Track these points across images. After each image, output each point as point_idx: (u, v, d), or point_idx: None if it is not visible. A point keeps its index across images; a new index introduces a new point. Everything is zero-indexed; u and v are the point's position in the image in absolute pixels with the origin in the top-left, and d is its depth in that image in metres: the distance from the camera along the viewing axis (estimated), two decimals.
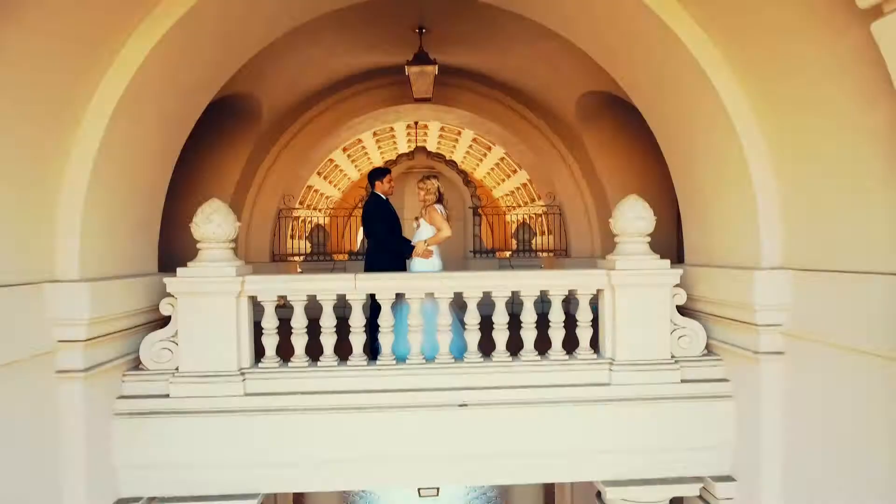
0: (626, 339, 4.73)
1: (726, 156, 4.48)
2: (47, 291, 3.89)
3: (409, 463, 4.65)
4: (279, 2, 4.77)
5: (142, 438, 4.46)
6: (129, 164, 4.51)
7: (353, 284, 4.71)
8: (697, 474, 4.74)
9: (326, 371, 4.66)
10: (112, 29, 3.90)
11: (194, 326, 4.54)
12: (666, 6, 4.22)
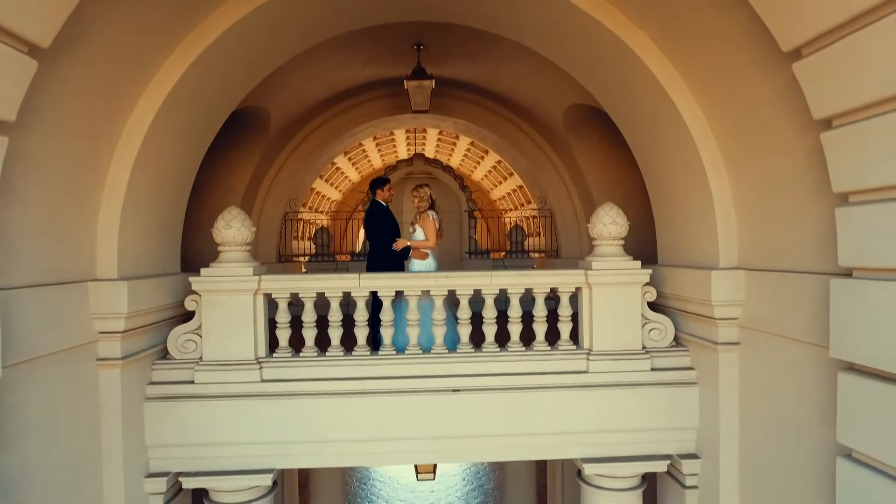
0: (602, 332, 5.29)
1: (689, 169, 5.03)
2: (90, 289, 4.43)
3: (407, 442, 5.21)
4: (295, 30, 5.32)
5: (169, 420, 5.01)
6: (158, 177, 5.05)
7: (357, 283, 5.26)
8: (666, 452, 5.30)
9: (334, 360, 5.21)
10: (148, 59, 4.45)
11: (216, 320, 5.10)
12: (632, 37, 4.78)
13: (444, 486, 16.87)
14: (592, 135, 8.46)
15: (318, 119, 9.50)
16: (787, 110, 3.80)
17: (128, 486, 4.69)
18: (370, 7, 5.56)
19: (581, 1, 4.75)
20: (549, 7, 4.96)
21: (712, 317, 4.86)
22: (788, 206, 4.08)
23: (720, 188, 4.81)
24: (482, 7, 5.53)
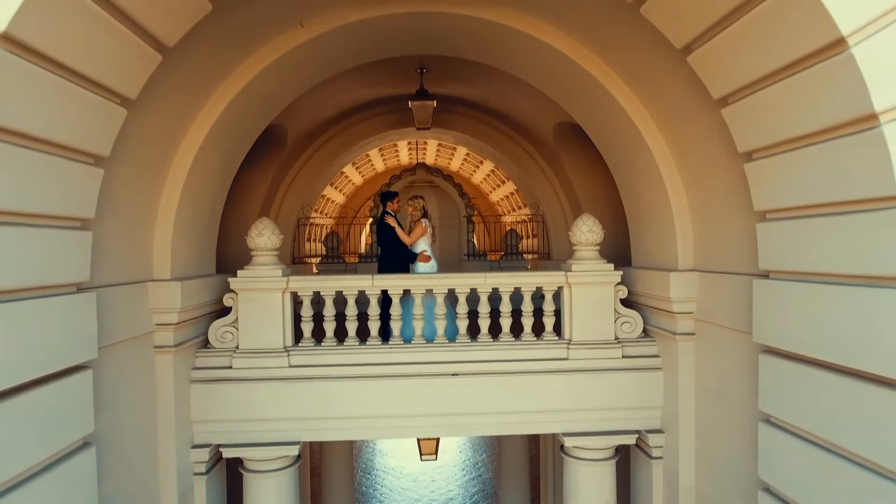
0: (580, 325, 6.17)
1: (654, 187, 5.90)
2: (150, 288, 5.31)
3: (413, 418, 6.09)
4: (314, 67, 6.21)
5: (211, 399, 5.89)
6: (200, 196, 5.92)
7: (370, 283, 6.15)
8: (635, 428, 6.18)
9: (350, 349, 6.09)
10: (193, 102, 5.31)
11: (250, 315, 5.98)
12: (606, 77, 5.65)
13: (444, 476, 17.76)
14: (579, 149, 9.31)
15: (328, 133, 10.37)
16: (723, 143, 4.66)
17: (178, 455, 5.57)
18: (378, 46, 6.45)
19: (563, 46, 5.62)
20: (536, 49, 5.84)
21: (672, 311, 5.74)
22: (727, 220, 4.96)
23: (679, 203, 5.68)
24: (478, 45, 6.41)
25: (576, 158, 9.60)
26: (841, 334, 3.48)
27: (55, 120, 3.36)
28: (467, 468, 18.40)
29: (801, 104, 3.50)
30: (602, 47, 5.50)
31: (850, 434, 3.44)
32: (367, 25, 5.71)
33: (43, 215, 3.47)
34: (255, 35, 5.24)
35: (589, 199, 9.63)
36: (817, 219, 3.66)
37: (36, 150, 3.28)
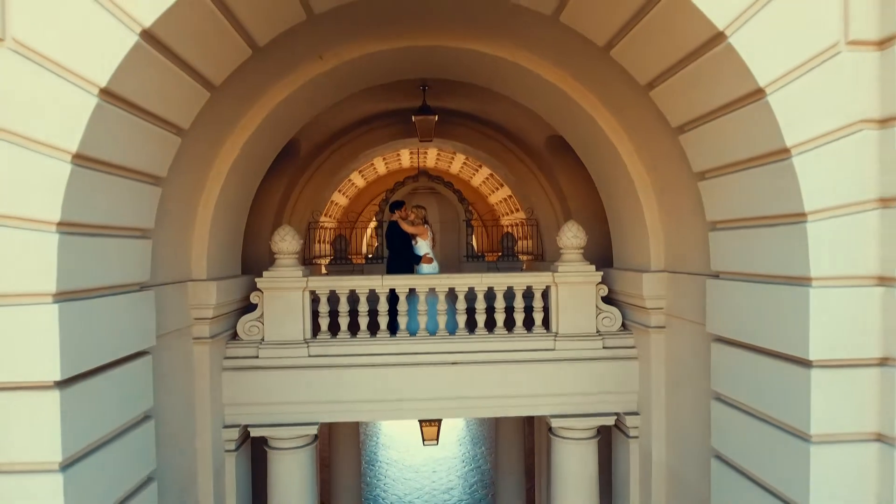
0: (566, 319, 6.97)
1: (630, 198, 6.70)
2: (189, 287, 6.10)
3: (417, 402, 6.89)
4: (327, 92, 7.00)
5: (240, 385, 6.69)
6: (230, 206, 6.71)
7: (380, 283, 6.95)
8: (614, 411, 6.98)
9: (362, 341, 6.88)
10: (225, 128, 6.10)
11: (274, 310, 6.78)
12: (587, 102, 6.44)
13: (445, 468, 18.55)
14: (569, 159, 10.07)
15: (336, 144, 11.16)
16: (684, 163, 5.44)
17: (212, 434, 6.37)
18: (386, 72, 7.25)
19: (549, 76, 6.41)
20: (526, 77, 6.63)
21: (646, 307, 6.54)
22: (689, 228, 5.76)
23: (651, 213, 6.47)
24: (474, 72, 7.21)
25: (567, 168, 10.38)
26: (771, 324, 4.27)
27: (131, 150, 4.15)
28: (467, 460, 19.19)
29: (736, 136, 4.30)
30: (584, 77, 6.29)
31: (775, 404, 4.24)
32: (377, 57, 6.51)
33: (118, 227, 4.27)
34: (280, 67, 6.03)
35: (579, 205, 10.41)
36: (753, 229, 4.46)
37: (116, 175, 4.08)
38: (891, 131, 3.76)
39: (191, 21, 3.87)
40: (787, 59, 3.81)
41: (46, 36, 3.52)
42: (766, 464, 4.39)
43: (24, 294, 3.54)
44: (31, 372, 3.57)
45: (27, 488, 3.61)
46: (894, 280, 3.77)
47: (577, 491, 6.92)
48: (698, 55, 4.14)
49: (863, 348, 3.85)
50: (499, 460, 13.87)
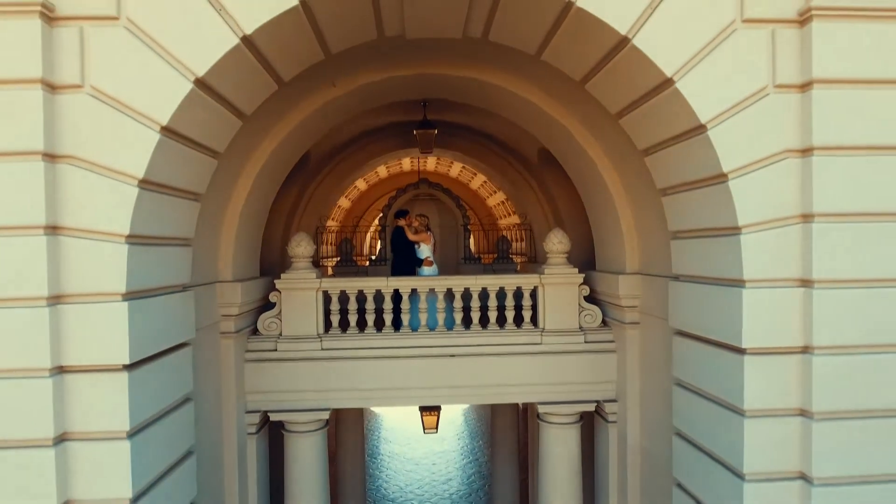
0: (551, 317, 7.79)
1: (608, 208, 7.51)
2: (217, 287, 6.91)
3: (419, 390, 7.72)
4: (338, 113, 7.82)
5: (260, 375, 7.50)
6: (251, 215, 7.53)
7: (385, 283, 7.76)
8: (595, 398, 7.79)
9: (369, 336, 7.70)
10: (249, 148, 6.92)
11: (291, 308, 7.60)
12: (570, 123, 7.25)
13: (444, 461, 19.37)
14: (559, 170, 10.81)
15: (342, 154, 11.98)
16: (652, 180, 6.26)
17: (237, 418, 7.19)
18: (390, 94, 8.06)
19: (535, 98, 7.22)
20: (514, 100, 7.44)
21: (621, 305, 7.35)
22: (657, 236, 6.57)
23: (626, 222, 7.29)
24: (469, 94, 8.03)
25: (557, 177, 11.17)
26: (715, 318, 5.08)
27: (180, 173, 4.96)
28: (465, 453, 20.01)
29: (686, 161, 5.12)
30: (568, 102, 7.10)
31: (719, 386, 5.05)
32: (384, 83, 7.33)
33: (169, 237, 5.08)
34: (298, 94, 6.84)
35: (568, 211, 11.21)
36: (702, 239, 5.27)
37: (168, 195, 4.89)
38: (809, 160, 4.58)
39: (233, 68, 4.68)
40: (724, 99, 4.63)
41: (117, 83, 4.34)
42: (712, 436, 5.20)
43: (101, 293, 4.35)
44: (105, 356, 4.38)
45: (102, 453, 4.43)
46: (812, 282, 4.59)
47: (561, 469, 7.74)
48: (653, 95, 4.96)
49: (787, 338, 4.67)
50: (495, 452, 14.69)
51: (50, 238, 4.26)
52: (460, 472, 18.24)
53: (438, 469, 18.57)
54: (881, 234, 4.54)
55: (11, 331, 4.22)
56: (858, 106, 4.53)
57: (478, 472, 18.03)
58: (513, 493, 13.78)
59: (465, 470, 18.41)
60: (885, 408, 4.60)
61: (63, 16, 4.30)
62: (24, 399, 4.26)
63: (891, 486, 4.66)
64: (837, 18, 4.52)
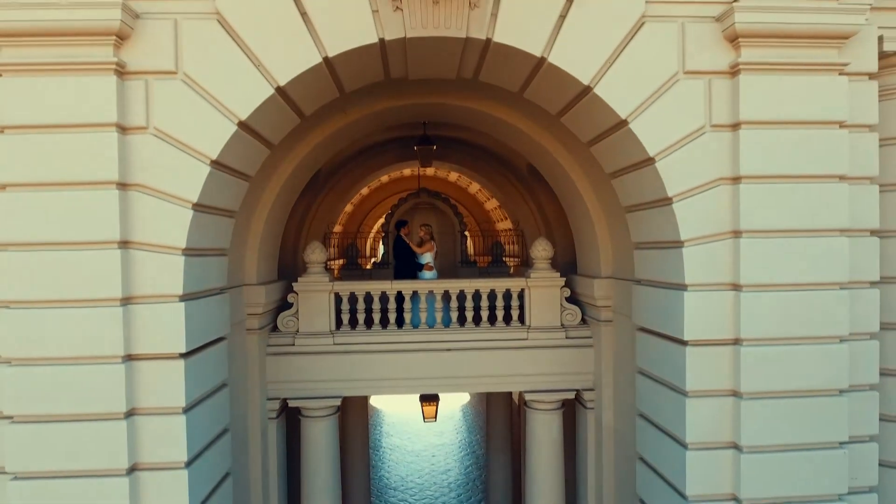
0: (537, 315, 8.82)
1: (586, 221, 8.54)
2: (244, 290, 7.94)
3: (420, 380, 8.75)
4: (349, 137, 8.86)
5: (280, 367, 8.53)
6: (272, 226, 8.56)
7: (390, 286, 8.80)
8: (574, 387, 8.83)
9: (376, 332, 8.73)
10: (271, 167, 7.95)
11: (307, 308, 8.63)
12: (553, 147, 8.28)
13: (443, 453, 20.39)
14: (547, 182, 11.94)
15: (348, 166, 13.02)
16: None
17: (260, 404, 8.22)
18: (395, 119, 9.10)
19: (521, 125, 8.24)
20: (503, 125, 8.47)
21: (597, 305, 8.39)
22: (625, 246, 7.61)
23: (601, 232, 8.32)
24: (465, 119, 9.06)
25: (545, 188, 12.18)
26: (665, 316, 6.11)
27: (222, 195, 6.00)
28: (463, 446, 21.03)
29: (641, 186, 6.15)
30: (550, 128, 8.12)
31: (667, 372, 6.08)
32: (389, 110, 8.36)
33: (212, 248, 6.11)
34: (314, 122, 7.86)
35: (556, 219, 12.22)
36: (655, 250, 6.31)
37: (213, 214, 5.92)
38: (738, 186, 5.61)
39: (267, 111, 5.71)
40: (669, 137, 5.67)
41: (176, 125, 5.38)
42: (664, 415, 6.24)
43: (163, 295, 5.40)
44: (166, 346, 5.42)
45: (163, 425, 5.46)
46: (740, 286, 5.63)
47: (546, 450, 8.78)
48: (613, 132, 6.00)
49: (720, 332, 5.71)
50: (490, 443, 15.68)
51: (122, 251, 5.30)
52: (458, 464, 19.26)
53: (437, 461, 19.59)
54: (793, 247, 5.58)
55: (92, 325, 5.27)
56: (777, 142, 5.58)
57: (475, 464, 19.05)
58: (506, 480, 14.78)
59: (462, 461, 19.43)
60: (798, 388, 5.65)
61: (132, 71, 5.34)
62: (102, 380, 5.31)
63: (804, 453, 5.71)
64: (761, 72, 5.56)
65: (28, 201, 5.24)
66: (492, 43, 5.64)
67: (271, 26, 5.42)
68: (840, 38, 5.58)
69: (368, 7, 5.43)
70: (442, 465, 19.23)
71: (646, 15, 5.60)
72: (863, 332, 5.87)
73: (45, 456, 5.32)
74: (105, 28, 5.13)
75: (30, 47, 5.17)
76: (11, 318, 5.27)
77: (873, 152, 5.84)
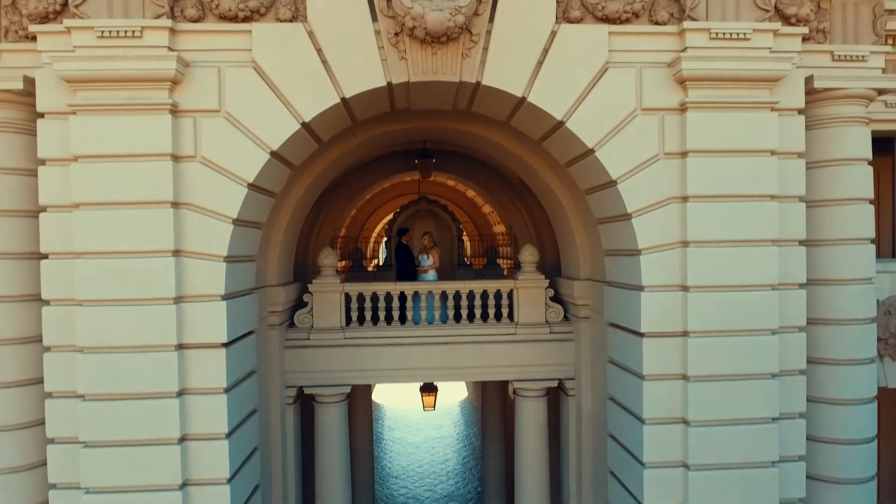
0: (524, 313, 9.95)
1: (566, 228, 9.68)
2: (267, 290, 9.07)
3: (420, 370, 9.88)
4: (357, 155, 9.99)
5: (296, 358, 9.66)
6: (290, 233, 9.69)
7: (393, 287, 9.93)
8: (557, 377, 9.95)
9: (381, 328, 9.86)
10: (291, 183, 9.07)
11: (320, 307, 9.76)
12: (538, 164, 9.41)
13: (442, 445, 21.50)
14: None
15: (354, 176, 14.13)
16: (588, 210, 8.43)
17: (279, 391, 9.35)
18: (399, 138, 10.23)
19: (509, 145, 9.36)
20: (493, 145, 9.61)
21: (577, 304, 9.52)
22: (599, 252, 8.73)
23: (581, 240, 9.44)
24: (463, 139, 10.20)
25: (535, 198, 13.32)
26: (627, 312, 7.24)
27: (255, 211, 7.12)
28: (461, 439, 22.16)
29: (607, 203, 7.28)
30: (534, 149, 9.21)
31: (629, 360, 7.21)
32: (394, 131, 9.49)
33: (245, 256, 7.24)
34: (328, 144, 8.98)
35: (545, 225, 13.35)
36: (620, 256, 7.44)
37: (247, 227, 7.05)
38: (685, 204, 6.73)
39: (294, 141, 6.84)
40: (628, 163, 6.80)
41: (219, 154, 6.51)
42: (626, 396, 7.38)
43: (208, 295, 6.52)
44: (211, 337, 6.55)
45: (208, 403, 6.59)
46: (688, 287, 6.76)
47: (532, 432, 9.91)
48: (583, 158, 7.14)
49: (671, 325, 6.84)
50: (485, 433, 16.79)
51: (175, 258, 6.43)
52: (456, 455, 20.38)
53: (436, 452, 20.71)
54: (731, 255, 6.72)
55: (150, 320, 6.40)
56: (718, 168, 6.71)
57: (472, 455, 20.17)
58: (500, 467, 15.89)
59: (460, 452, 20.55)
60: (736, 373, 6.79)
61: (183, 110, 6.47)
62: (158, 365, 6.44)
63: (742, 426, 6.84)
64: (704, 109, 6.70)
65: (97, 218, 6.37)
66: (481, 85, 6.77)
67: (298, 72, 6.56)
68: (771, 80, 6.71)
69: (378, 57, 6.57)
70: (441, 455, 20.34)
71: (609, 62, 6.73)
72: (791, 326, 7.00)
73: (110, 428, 6.45)
74: (162, 76, 6.27)
75: (100, 91, 6.31)
76: (84, 314, 6.41)
77: (800, 175, 6.97)
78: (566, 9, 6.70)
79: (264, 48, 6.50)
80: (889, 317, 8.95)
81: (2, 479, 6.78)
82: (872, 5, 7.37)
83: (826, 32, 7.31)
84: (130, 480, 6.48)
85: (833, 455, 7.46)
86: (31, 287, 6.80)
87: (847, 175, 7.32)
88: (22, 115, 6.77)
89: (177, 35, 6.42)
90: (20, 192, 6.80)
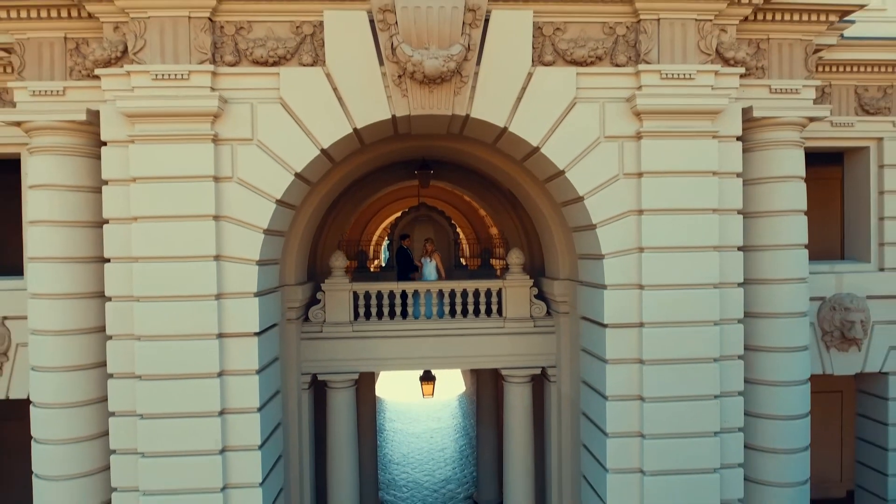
0: (511, 309, 11.28)
1: (550, 235, 11.00)
2: (285, 290, 10.39)
3: (420, 359, 11.21)
4: (364, 167, 11.32)
5: (310, 349, 10.99)
6: (306, 238, 11.01)
7: (396, 286, 11.27)
8: (540, 365, 11.28)
9: (385, 322, 11.18)
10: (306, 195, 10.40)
11: (332, 304, 11.09)
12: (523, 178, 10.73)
13: (440, 435, 22.81)
14: None
15: (359, 185, 15.44)
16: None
17: (296, 378, 10.68)
18: (401, 154, 11.56)
19: (499, 162, 10.67)
20: (484, 162, 10.94)
21: (557, 301, 10.85)
22: (574, 255, 10.06)
23: (560, 245, 10.76)
24: (457, 155, 11.54)
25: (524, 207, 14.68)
26: (593, 307, 8.56)
27: (280, 222, 8.44)
28: (458, 429, 23.48)
29: (577, 214, 8.61)
30: (519, 165, 10.57)
31: (595, 347, 8.54)
32: (397, 149, 10.82)
33: (271, 259, 8.57)
34: (340, 162, 10.31)
35: (534, 230, 14.69)
36: (588, 260, 8.76)
37: (273, 235, 8.37)
38: (641, 217, 8.06)
39: (314, 164, 8.17)
40: (593, 182, 8.13)
41: (252, 175, 7.83)
42: (594, 378, 8.72)
43: (244, 293, 7.85)
44: (246, 327, 7.88)
45: (243, 383, 7.92)
46: (643, 286, 8.08)
47: (519, 414, 11.25)
48: (556, 177, 8.47)
49: (630, 318, 8.16)
50: (480, 421, 18.11)
51: (216, 262, 7.76)
52: (454, 443, 21.70)
53: (435, 441, 22.03)
54: (679, 259, 8.05)
55: (195, 313, 7.73)
56: (668, 186, 8.04)
57: (468, 444, 21.49)
58: (493, 452, 17.23)
59: (457, 441, 21.87)
60: (684, 357, 8.11)
61: (223, 139, 7.80)
62: (202, 351, 7.77)
63: (689, 402, 8.16)
64: (656, 137, 8.02)
65: (152, 228, 7.69)
66: (470, 117, 8.11)
67: (318, 107, 7.88)
68: (712, 113, 8.04)
69: (384, 94, 7.90)
70: (439, 444, 21.66)
71: (577, 97, 8.06)
72: (731, 318, 8.33)
73: (162, 402, 7.77)
74: (206, 111, 7.59)
75: (154, 123, 7.63)
76: (140, 309, 7.73)
77: (738, 191, 8.29)
78: (541, 54, 8.03)
79: (290, 87, 7.83)
80: (834, 312, 10.29)
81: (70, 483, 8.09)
82: (804, 45, 8.70)
83: (765, 69, 8.63)
84: (178, 446, 7.80)
85: (771, 429, 8.78)
86: (94, 286, 8.13)
87: (783, 190, 8.64)
88: (84, 141, 8.09)
89: (217, 77, 7.74)
90: (84, 206, 8.12)
